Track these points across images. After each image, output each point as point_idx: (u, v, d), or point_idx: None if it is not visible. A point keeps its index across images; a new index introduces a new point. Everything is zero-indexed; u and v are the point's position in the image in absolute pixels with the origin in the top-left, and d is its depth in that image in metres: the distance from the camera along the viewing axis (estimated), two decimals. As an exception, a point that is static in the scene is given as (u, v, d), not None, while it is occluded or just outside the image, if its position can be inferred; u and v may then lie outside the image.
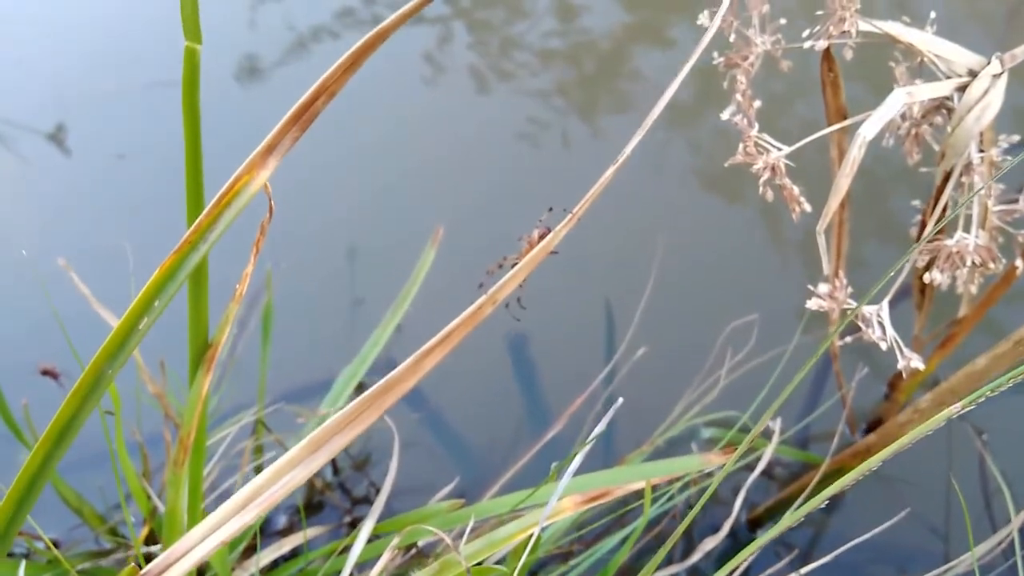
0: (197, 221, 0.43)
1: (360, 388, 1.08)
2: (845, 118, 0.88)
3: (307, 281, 1.29)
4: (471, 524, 0.69)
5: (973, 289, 0.85)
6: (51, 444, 0.49)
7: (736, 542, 1.07)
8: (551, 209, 0.46)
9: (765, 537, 0.53)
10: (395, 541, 0.63)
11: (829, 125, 0.89)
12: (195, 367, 0.64)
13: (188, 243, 0.44)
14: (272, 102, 1.54)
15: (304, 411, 0.97)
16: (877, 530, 0.76)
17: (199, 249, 0.44)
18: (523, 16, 1.66)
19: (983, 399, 0.48)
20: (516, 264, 0.42)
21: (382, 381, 0.41)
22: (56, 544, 1.04)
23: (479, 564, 0.68)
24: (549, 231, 0.43)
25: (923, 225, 0.82)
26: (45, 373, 1.06)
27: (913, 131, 0.81)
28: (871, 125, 0.73)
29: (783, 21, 0.80)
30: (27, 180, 1.45)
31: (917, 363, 0.73)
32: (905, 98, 0.75)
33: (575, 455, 0.60)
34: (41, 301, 1.22)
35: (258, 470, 1.02)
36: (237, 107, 1.50)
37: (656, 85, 1.52)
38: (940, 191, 0.78)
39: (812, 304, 0.75)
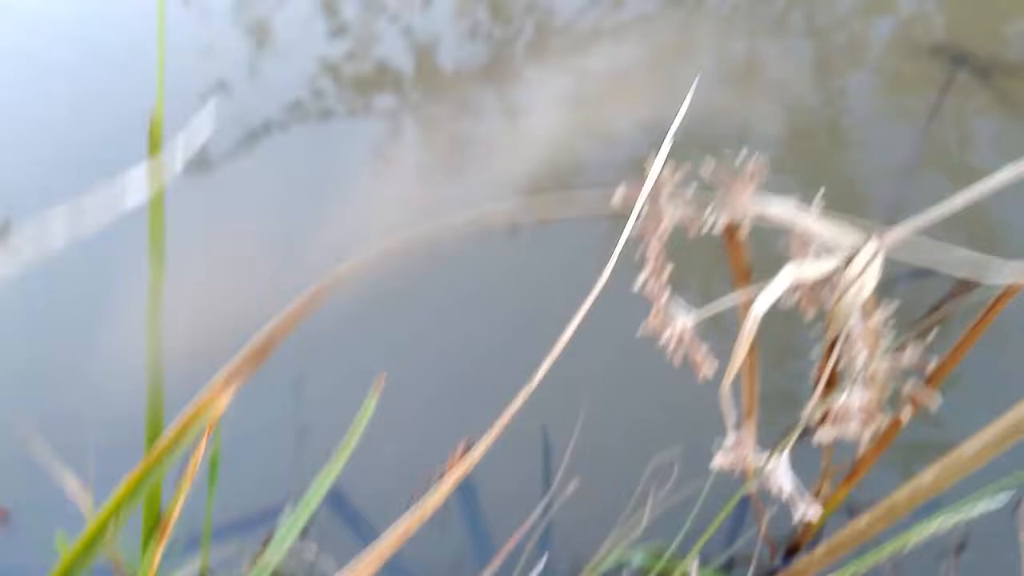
0: (155, 448, 0.49)
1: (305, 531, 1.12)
2: (749, 279, 0.98)
3: (250, 412, 1.33)
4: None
5: (866, 436, 0.94)
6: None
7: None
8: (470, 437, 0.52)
9: None
10: None
11: (735, 287, 0.98)
12: (147, 541, 0.68)
13: (147, 466, 0.49)
14: (221, 196, 1.61)
15: (249, 555, 1.00)
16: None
17: (156, 471, 0.50)
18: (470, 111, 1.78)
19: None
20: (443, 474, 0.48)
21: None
22: None
23: None
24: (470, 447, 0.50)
25: (817, 383, 0.91)
26: (-8, 518, 1.08)
27: (806, 296, 0.91)
28: (763, 302, 0.82)
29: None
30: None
31: (813, 515, 0.80)
32: (794, 274, 0.85)
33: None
34: None
35: (203, 618, 1.04)
36: (186, 200, 1.56)
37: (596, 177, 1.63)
38: (828, 354, 0.87)
39: (719, 460, 0.83)
